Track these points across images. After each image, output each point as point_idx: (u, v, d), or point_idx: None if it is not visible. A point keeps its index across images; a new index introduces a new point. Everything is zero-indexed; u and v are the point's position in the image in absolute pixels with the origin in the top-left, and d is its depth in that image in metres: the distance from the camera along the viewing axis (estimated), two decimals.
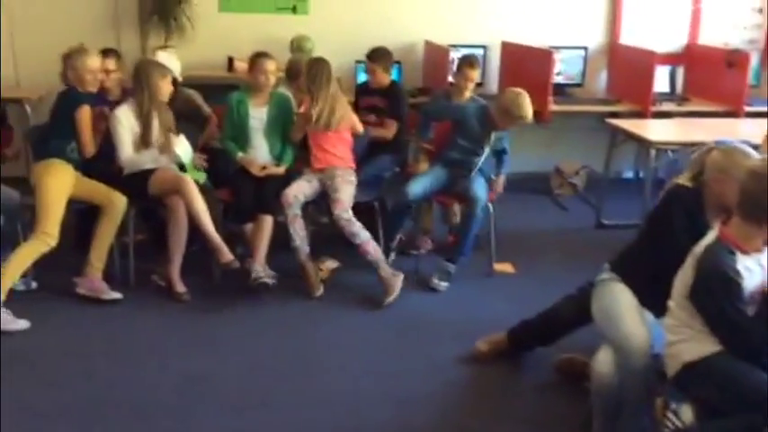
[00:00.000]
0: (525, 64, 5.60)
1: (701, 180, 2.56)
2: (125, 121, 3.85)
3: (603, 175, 5.26)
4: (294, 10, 5.80)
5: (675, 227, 2.56)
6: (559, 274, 4.22)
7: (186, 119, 4.41)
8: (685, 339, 2.34)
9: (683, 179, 2.62)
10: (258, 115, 4.19)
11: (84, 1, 5.53)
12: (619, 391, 2.58)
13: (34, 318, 3.52)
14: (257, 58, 4.16)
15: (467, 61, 4.48)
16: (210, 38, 5.50)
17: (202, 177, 4.11)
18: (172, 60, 4.46)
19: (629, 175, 6.38)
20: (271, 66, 4.15)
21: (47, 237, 3.57)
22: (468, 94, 4.48)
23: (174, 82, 4.41)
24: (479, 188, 4.13)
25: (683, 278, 2.35)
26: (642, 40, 5.92)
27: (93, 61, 3.89)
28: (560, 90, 5.74)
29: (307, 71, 4.10)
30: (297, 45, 5.55)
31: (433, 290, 4.04)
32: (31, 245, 3.58)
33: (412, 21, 5.88)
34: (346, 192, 3.96)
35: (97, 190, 3.84)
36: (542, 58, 5.37)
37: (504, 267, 4.36)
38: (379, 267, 3.90)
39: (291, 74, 4.45)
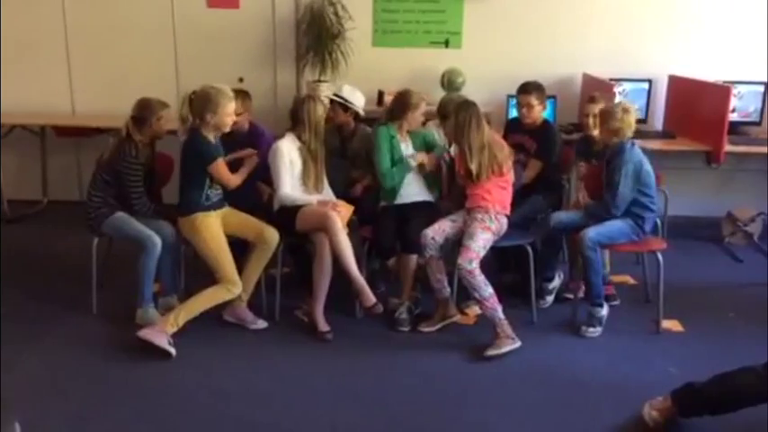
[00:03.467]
0: (696, 100, 5.15)
1: None
2: (287, 154, 3.86)
3: None
4: (447, 44, 5.70)
5: None
6: (734, 336, 3.80)
7: (354, 158, 4.38)
8: None
9: None
10: (407, 151, 4.10)
11: (244, 38, 5.73)
12: None
13: (181, 348, 3.54)
14: (418, 99, 4.07)
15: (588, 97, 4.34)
16: (362, 72, 5.47)
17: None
18: (356, 95, 4.32)
19: None
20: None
21: (232, 285, 3.65)
22: (594, 130, 4.13)
23: (357, 117, 4.39)
24: (596, 227, 3.79)
25: None
26: None
27: (233, 106, 3.70)
28: (734, 129, 5.23)
29: (454, 121, 3.84)
30: (448, 79, 5.45)
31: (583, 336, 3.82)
32: (217, 291, 3.65)
33: (569, 52, 5.60)
34: (479, 240, 3.69)
35: (249, 225, 3.83)
36: (717, 93, 4.90)
37: (672, 325, 3.94)
38: (497, 325, 3.63)
39: (442, 114, 4.27)
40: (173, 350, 3.50)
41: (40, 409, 3.06)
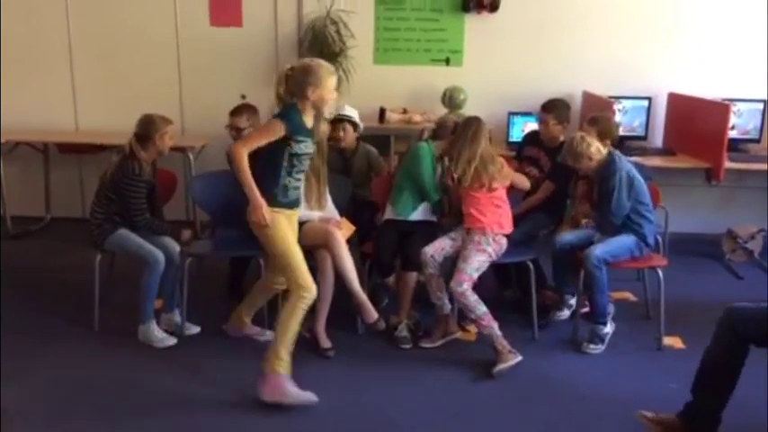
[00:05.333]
0: (696, 117, 5.19)
1: None
2: None
3: None
4: (447, 62, 5.74)
5: None
6: None
7: (357, 176, 4.44)
8: None
9: None
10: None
11: (247, 56, 5.78)
12: None
13: (180, 361, 3.55)
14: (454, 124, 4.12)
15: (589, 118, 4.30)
16: (364, 89, 5.51)
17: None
18: (353, 112, 4.45)
19: None
20: None
21: (304, 291, 3.22)
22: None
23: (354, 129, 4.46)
24: (601, 245, 3.80)
25: None
26: None
27: (335, 80, 3.28)
28: (734, 146, 5.25)
29: (452, 130, 3.98)
30: (449, 97, 5.49)
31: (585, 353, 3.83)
32: (294, 305, 3.22)
33: (569, 71, 5.63)
34: (473, 263, 3.71)
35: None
36: (716, 111, 4.93)
37: (673, 342, 3.95)
38: (495, 342, 3.64)
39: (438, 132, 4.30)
40: (312, 396, 3.23)
41: (41, 425, 3.06)
